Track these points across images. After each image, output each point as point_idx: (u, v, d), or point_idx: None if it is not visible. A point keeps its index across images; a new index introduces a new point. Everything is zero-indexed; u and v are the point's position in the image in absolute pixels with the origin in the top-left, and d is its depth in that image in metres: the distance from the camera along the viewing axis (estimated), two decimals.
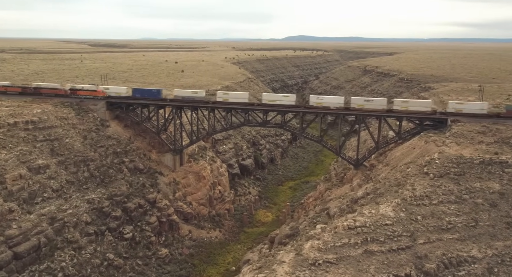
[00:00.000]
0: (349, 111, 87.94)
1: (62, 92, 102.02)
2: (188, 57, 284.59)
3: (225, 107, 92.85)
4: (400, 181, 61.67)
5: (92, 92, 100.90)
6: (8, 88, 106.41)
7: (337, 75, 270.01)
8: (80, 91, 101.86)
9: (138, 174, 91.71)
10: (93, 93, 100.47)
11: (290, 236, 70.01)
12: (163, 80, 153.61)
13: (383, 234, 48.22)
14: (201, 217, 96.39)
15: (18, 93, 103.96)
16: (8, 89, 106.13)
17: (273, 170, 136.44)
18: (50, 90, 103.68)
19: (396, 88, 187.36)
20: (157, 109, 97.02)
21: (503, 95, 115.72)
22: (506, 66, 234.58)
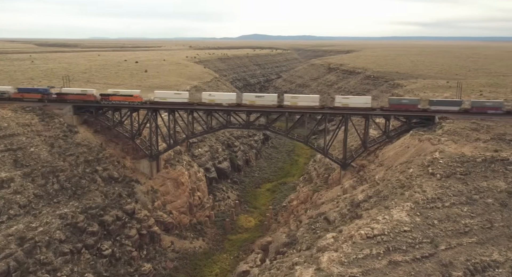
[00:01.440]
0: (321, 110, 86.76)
1: (92, 98, 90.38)
2: (147, 57, 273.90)
3: (205, 109, 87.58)
4: (404, 183, 59.37)
5: (127, 98, 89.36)
6: (25, 94, 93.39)
7: (301, 73, 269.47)
8: (113, 96, 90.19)
9: (113, 183, 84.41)
10: (129, 99, 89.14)
11: (288, 245, 66.31)
12: (128, 81, 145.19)
13: (404, 242, 45.36)
14: (182, 227, 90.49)
15: (38, 100, 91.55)
16: (24, 95, 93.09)
17: (249, 172, 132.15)
18: (77, 96, 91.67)
19: (363, 85, 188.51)
20: (130, 112, 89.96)
21: (475, 91, 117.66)
22: (462, 63, 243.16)
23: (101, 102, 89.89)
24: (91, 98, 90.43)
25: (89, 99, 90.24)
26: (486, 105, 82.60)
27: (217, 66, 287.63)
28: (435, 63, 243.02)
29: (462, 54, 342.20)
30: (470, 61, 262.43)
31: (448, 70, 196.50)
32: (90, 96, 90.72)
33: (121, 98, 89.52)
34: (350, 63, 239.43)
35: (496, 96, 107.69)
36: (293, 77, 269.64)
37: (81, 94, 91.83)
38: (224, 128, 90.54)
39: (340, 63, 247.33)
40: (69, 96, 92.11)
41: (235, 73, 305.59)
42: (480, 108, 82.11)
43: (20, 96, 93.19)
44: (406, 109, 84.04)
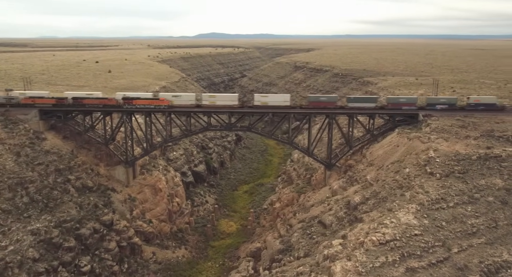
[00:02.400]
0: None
1: (114, 102, 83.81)
2: (107, 56, 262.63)
3: (184, 111, 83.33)
4: (402, 183, 58.19)
5: (153, 101, 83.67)
6: (37, 99, 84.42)
7: (267, 71, 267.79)
8: (137, 100, 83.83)
9: (88, 193, 78.50)
10: (155, 102, 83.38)
11: (283, 252, 63.70)
12: (92, 82, 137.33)
13: (417, 246, 43.74)
14: (163, 236, 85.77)
15: (52, 106, 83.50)
16: (36, 101, 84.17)
17: (225, 175, 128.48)
18: (97, 100, 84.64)
19: (332, 83, 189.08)
20: (104, 116, 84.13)
21: (446, 87, 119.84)
22: (423, 60, 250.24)
23: (123, 106, 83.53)
24: (113, 103, 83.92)
25: (110, 103, 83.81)
26: (400, 101, 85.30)
27: (180, 65, 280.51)
28: (397, 60, 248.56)
29: (420, 51, 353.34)
30: (429, 58, 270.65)
31: (413, 67, 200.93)
32: (112, 100, 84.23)
33: (146, 102, 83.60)
34: (316, 61, 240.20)
35: (468, 92, 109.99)
36: (259, 76, 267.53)
37: (101, 99, 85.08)
38: (205, 130, 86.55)
39: (306, 61, 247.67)
40: (87, 100, 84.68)
41: (199, 73, 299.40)
42: (395, 104, 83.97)
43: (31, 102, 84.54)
44: (324, 106, 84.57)
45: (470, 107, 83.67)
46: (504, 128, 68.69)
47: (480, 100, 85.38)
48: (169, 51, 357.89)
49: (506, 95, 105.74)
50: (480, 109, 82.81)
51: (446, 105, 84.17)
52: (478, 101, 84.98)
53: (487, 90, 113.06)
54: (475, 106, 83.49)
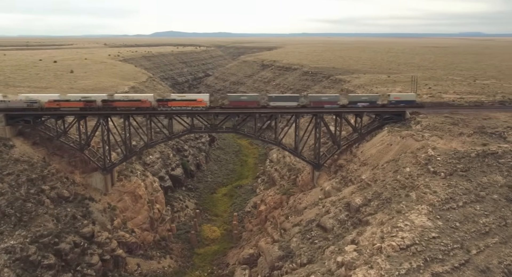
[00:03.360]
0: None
1: (148, 105, 77.61)
2: (65, 56, 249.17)
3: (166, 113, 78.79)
4: (404, 183, 57.00)
5: (190, 103, 78.46)
6: (62, 103, 76.89)
7: (234, 70, 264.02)
8: (172, 102, 78.22)
9: (64, 203, 72.44)
10: (191, 103, 78.37)
11: (283, 258, 61.06)
12: (55, 83, 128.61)
13: (437, 250, 42.34)
14: (147, 245, 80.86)
15: (79, 109, 76.91)
16: (61, 104, 76.78)
17: (202, 177, 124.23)
18: (130, 102, 78.01)
19: (302, 81, 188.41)
20: (78, 119, 78.04)
21: (421, 84, 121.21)
22: (386, 58, 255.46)
23: (158, 108, 78.38)
24: (147, 105, 78.02)
25: (144, 106, 77.96)
26: (323, 99, 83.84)
27: (143, 65, 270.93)
28: (361, 58, 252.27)
29: (378, 49, 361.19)
30: (390, 56, 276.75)
31: (379, 65, 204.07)
32: (146, 102, 78.06)
33: (182, 104, 78.53)
34: (283, 60, 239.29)
35: (443, 89, 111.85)
36: (226, 75, 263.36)
37: (135, 101, 78.62)
38: (188, 132, 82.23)
39: (274, 59, 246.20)
40: (119, 103, 78.29)
41: (162, 72, 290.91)
42: (317, 103, 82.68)
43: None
44: (245, 106, 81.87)
45: (391, 104, 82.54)
46: (494, 125, 69.38)
47: (400, 98, 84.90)
48: (129, 50, 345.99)
49: (479, 90, 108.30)
50: (400, 106, 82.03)
51: (368, 103, 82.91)
52: (398, 99, 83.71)
53: (461, 87, 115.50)
54: (396, 104, 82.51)
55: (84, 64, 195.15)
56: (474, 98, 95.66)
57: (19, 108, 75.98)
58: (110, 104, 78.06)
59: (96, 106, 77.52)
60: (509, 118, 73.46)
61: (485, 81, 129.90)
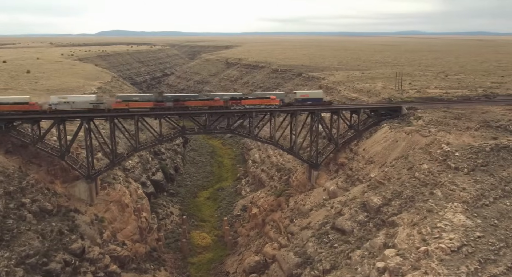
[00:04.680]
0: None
1: (221, 103, 73.41)
2: (13, 55, 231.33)
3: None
4: (425, 180, 55.44)
5: (264, 101, 75.19)
6: (131, 103, 71.44)
7: (197, 69, 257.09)
8: (245, 100, 74.60)
9: (48, 218, 64.82)
10: (265, 101, 75.09)
11: (301, 265, 57.68)
12: (14, 84, 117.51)
13: (487, 250, 40.66)
14: (139, 258, 74.56)
15: (149, 109, 71.67)
16: (131, 105, 71.17)
17: (182, 181, 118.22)
18: (203, 102, 73.83)
19: (271, 79, 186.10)
20: (57, 123, 70.38)
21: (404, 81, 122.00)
22: (349, 55, 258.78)
23: (231, 107, 74.30)
24: (220, 103, 73.91)
25: (216, 105, 73.82)
26: (134, 99, 75.59)
27: (99, 64, 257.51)
28: (324, 55, 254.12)
29: (337, 47, 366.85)
30: (350, 53, 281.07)
31: (346, 62, 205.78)
32: (218, 101, 73.96)
33: (256, 102, 75.37)
34: (248, 58, 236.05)
35: (422, 84, 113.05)
36: (188, 74, 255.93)
37: (207, 100, 74.47)
38: (180, 135, 76.79)
39: (239, 57, 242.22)
40: (191, 102, 73.59)
41: (119, 72, 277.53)
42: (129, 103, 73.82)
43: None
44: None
45: (298, 102, 79.60)
46: (495, 118, 69.73)
47: (308, 95, 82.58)
48: (81, 49, 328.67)
49: (458, 85, 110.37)
50: (307, 104, 79.59)
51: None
52: (306, 96, 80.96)
53: (438, 82, 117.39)
54: (303, 101, 79.78)
55: (38, 64, 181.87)
56: (459, 92, 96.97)
57: (84, 109, 70.22)
58: (182, 104, 72.95)
59: (167, 106, 72.52)
60: (505, 111, 74.38)
61: (455, 76, 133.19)
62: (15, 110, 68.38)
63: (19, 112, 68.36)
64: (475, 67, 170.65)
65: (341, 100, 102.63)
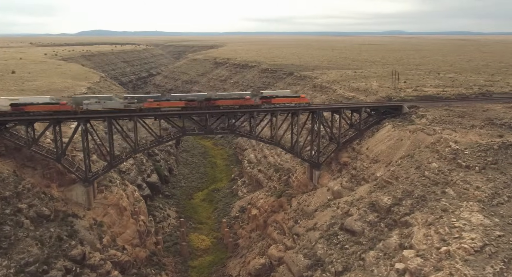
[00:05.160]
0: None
1: (252, 102, 73.28)
2: None
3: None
4: (435, 179, 54.91)
5: (293, 99, 75.22)
6: (163, 103, 70.30)
7: (185, 69, 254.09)
8: (276, 98, 74.37)
9: (46, 223, 62.36)
10: (295, 100, 75.04)
11: (312, 267, 56.52)
12: (1, 85, 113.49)
13: (509, 249, 39.92)
14: (139, 263, 72.47)
15: (181, 109, 70.57)
16: (162, 104, 70.08)
17: (176, 183, 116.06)
18: (234, 100, 73.15)
19: (262, 79, 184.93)
20: (53, 125, 67.78)
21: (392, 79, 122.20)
22: (336, 54, 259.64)
23: (261, 105, 73.91)
24: (250, 102, 73.38)
25: (247, 103, 73.14)
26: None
27: (84, 64, 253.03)
28: (312, 55, 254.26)
29: (324, 47, 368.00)
30: (338, 52, 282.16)
31: (335, 61, 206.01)
32: (248, 100, 73.44)
33: (286, 100, 75.08)
34: (237, 57, 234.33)
35: (417, 82, 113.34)
36: (176, 74, 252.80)
37: (237, 99, 73.67)
38: (181, 135, 74.88)
39: (227, 57, 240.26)
40: (221, 101, 72.71)
41: (104, 72, 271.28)
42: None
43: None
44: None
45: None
46: (498, 116, 70.01)
47: (278, 95, 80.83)
48: (64, 49, 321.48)
49: (452, 84, 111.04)
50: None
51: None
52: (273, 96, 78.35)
53: (432, 80, 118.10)
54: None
55: (22, 64, 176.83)
56: (455, 91, 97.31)
57: (116, 109, 68.90)
58: (213, 103, 71.94)
59: (198, 105, 71.58)
60: (506, 109, 74.84)
61: (447, 75, 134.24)
62: (45, 111, 66.34)
63: (49, 112, 66.26)
64: (464, 65, 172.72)
65: (337, 99, 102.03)
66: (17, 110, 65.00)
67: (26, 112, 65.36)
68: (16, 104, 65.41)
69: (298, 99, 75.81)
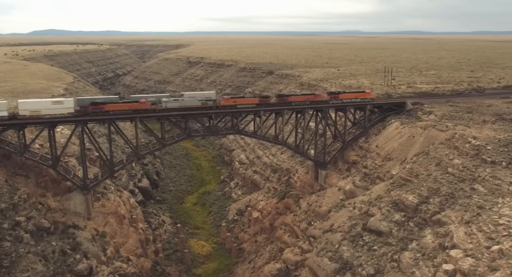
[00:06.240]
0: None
1: (321, 98, 74.84)
2: None
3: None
4: (461, 176, 54.20)
5: (359, 95, 76.69)
6: (238, 99, 72.02)
7: (156, 68, 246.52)
8: (342, 94, 75.99)
9: (46, 236, 56.99)
10: (361, 95, 76.50)
11: (340, 271, 54.46)
12: None
13: None
14: (145, 274, 67.96)
15: (255, 105, 71.28)
16: (238, 101, 70.98)
17: (165, 187, 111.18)
18: (305, 96, 74.93)
19: (241, 78, 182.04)
20: (49, 129, 62.17)
21: (380, 77, 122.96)
22: (311, 53, 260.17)
23: (330, 101, 74.89)
24: (321, 98, 75.26)
25: (317, 100, 74.61)
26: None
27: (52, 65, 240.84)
28: (286, 53, 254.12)
29: (292, 46, 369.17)
30: (310, 51, 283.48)
31: (312, 59, 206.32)
32: (319, 96, 75.56)
33: (352, 96, 76.57)
34: (211, 56, 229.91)
35: (406, 80, 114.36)
36: (147, 74, 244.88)
37: (308, 95, 76.21)
38: (186, 138, 70.87)
39: (201, 56, 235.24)
40: (293, 97, 74.53)
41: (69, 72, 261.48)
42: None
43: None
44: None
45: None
46: (504, 111, 71.11)
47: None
48: (23, 49, 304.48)
49: (439, 80, 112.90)
50: None
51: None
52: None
53: (420, 77, 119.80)
54: None
55: None
56: (447, 87, 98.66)
57: (193, 106, 67.46)
58: (285, 99, 73.36)
59: (272, 102, 73.55)
60: (508, 104, 76.09)
61: (429, 72, 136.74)
62: (125, 109, 64.82)
63: (129, 111, 64.78)
64: (438, 63, 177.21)
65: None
66: (97, 109, 62.81)
67: (106, 111, 63.20)
68: (96, 103, 63.52)
69: (364, 94, 77.43)
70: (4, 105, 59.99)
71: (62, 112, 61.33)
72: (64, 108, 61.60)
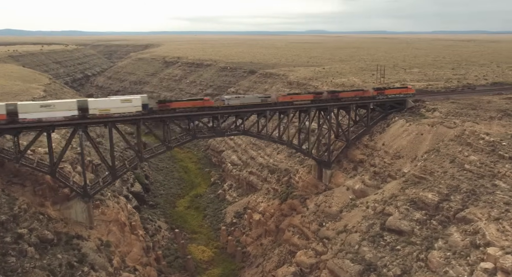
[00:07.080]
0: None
1: (370, 94, 76.56)
2: None
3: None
4: (480, 172, 54.29)
5: (403, 90, 79.01)
6: (295, 96, 74.24)
7: (131, 69, 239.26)
8: (389, 89, 78.52)
9: (50, 249, 53.01)
10: (404, 91, 78.67)
11: (364, 273, 53.41)
12: None
13: None
14: None
15: (310, 102, 73.12)
16: (294, 97, 73.40)
17: (155, 190, 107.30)
18: (354, 92, 78.06)
19: (222, 77, 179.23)
20: (48, 133, 57.90)
21: (370, 75, 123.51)
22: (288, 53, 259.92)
23: (376, 97, 76.59)
24: (368, 94, 76.85)
25: (365, 95, 76.49)
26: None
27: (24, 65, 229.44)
28: (263, 53, 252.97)
29: (267, 45, 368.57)
30: (286, 50, 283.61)
31: (292, 59, 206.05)
32: (367, 92, 77.44)
33: (396, 91, 78.80)
34: (188, 56, 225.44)
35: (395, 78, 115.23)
36: (121, 74, 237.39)
37: (357, 91, 79.55)
38: (192, 139, 67.90)
39: (177, 56, 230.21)
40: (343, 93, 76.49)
41: None
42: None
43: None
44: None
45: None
46: (507, 107, 71.96)
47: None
48: None
49: (427, 78, 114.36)
50: None
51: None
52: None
53: (408, 75, 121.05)
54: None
55: None
56: (439, 84, 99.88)
57: (254, 103, 69.86)
58: (336, 95, 75.11)
59: (324, 98, 74.19)
60: (506, 101, 77.42)
61: (412, 70, 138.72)
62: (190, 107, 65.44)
63: (193, 109, 65.33)
64: (415, 61, 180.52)
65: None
66: (164, 107, 63.46)
67: (172, 109, 63.63)
68: (163, 101, 65.11)
69: (406, 90, 79.56)
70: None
71: (131, 111, 60.13)
72: (133, 107, 60.28)
